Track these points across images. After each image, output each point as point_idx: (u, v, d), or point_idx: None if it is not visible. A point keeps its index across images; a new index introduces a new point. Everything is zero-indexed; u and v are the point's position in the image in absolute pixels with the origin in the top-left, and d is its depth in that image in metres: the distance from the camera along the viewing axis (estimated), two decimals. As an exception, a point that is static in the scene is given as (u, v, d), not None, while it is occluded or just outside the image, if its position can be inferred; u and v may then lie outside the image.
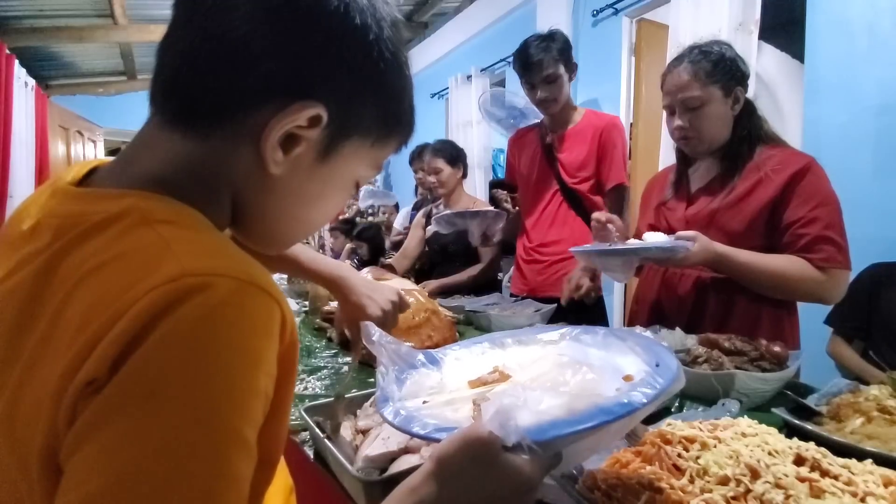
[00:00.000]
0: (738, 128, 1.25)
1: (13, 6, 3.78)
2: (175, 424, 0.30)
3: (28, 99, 3.94)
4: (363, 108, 0.44)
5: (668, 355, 0.54)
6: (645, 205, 1.50)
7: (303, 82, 0.40)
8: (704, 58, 1.22)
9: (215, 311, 0.32)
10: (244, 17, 0.38)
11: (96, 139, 5.35)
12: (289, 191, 0.45)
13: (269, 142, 0.40)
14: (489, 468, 0.40)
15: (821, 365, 1.75)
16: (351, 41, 0.41)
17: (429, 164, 2.39)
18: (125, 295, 0.31)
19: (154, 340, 0.30)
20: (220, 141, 0.41)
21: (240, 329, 0.33)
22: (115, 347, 0.30)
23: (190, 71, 0.40)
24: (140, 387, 0.30)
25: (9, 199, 3.61)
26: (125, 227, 0.36)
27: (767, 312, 1.23)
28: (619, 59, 3.00)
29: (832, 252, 1.12)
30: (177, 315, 0.31)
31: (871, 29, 1.93)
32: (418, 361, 0.63)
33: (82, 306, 0.33)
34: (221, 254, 0.36)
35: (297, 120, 0.40)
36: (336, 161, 0.45)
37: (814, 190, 1.15)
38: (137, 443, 0.29)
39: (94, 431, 0.30)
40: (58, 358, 0.32)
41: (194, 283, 0.32)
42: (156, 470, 0.29)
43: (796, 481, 0.55)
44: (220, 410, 0.31)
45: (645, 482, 0.57)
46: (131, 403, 0.30)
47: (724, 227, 1.21)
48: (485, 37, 4.18)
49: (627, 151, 1.84)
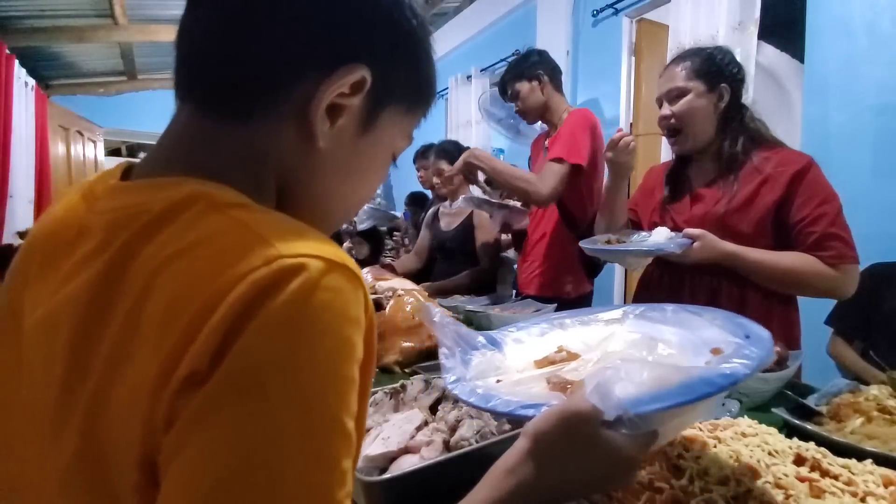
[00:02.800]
0: (727, 128, 1.27)
1: (13, 6, 3.78)
2: (282, 416, 0.29)
3: (28, 99, 3.94)
4: (400, 72, 0.43)
5: (757, 326, 0.53)
6: (646, 193, 1.49)
7: (345, 45, 0.39)
8: (696, 54, 1.29)
9: (312, 295, 0.30)
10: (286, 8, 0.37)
11: (96, 139, 5.35)
12: (334, 167, 0.43)
13: (319, 112, 0.39)
14: (588, 445, 0.39)
15: (821, 365, 1.75)
16: (392, 9, 0.40)
17: (433, 165, 2.41)
18: (217, 281, 0.29)
19: (255, 328, 0.28)
20: (261, 121, 0.39)
21: (333, 313, 0.31)
22: (216, 337, 0.28)
23: (221, 51, 0.38)
24: (245, 379, 0.28)
25: (9, 199, 3.60)
26: (196, 213, 0.34)
27: (777, 312, 1.24)
28: (619, 59, 3.00)
29: (841, 248, 1.14)
30: (276, 300, 0.29)
31: (871, 29, 1.93)
32: (479, 343, 0.62)
33: (166, 298, 0.31)
34: (304, 234, 0.33)
35: (342, 86, 0.39)
36: (376, 131, 0.43)
37: (816, 188, 1.17)
38: (246, 437, 0.28)
39: (198, 429, 0.28)
40: (147, 355, 0.30)
41: (289, 265, 0.30)
42: (265, 464, 0.28)
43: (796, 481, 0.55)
44: (324, 400, 0.30)
45: (645, 482, 0.57)
46: (236, 397, 0.28)
47: (734, 229, 1.23)
48: (485, 37, 4.18)
49: (587, 135, 1.81)
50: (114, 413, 0.31)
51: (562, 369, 0.53)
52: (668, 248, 1.16)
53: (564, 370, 0.52)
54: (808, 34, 2.13)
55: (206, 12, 0.39)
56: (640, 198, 1.52)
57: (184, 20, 0.40)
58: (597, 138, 1.85)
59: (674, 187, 1.38)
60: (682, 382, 0.41)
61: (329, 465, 0.30)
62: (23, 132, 3.79)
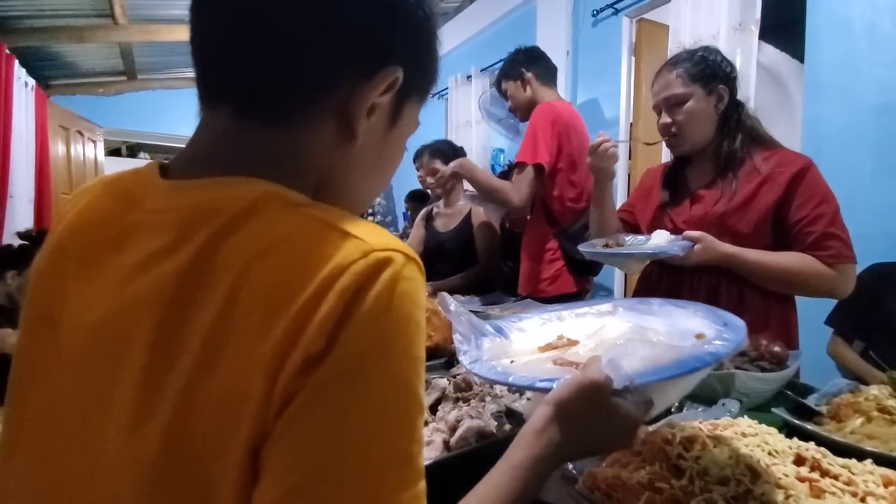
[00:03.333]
0: (726, 127, 1.28)
1: (13, 6, 3.78)
2: (384, 395, 0.32)
3: (28, 99, 3.94)
4: (421, 67, 0.46)
5: (732, 316, 0.60)
6: (644, 195, 1.49)
7: (382, 47, 0.41)
8: (688, 58, 1.29)
9: (397, 285, 0.33)
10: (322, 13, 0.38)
11: (96, 139, 5.34)
12: (369, 160, 0.46)
13: (360, 114, 0.41)
14: (602, 410, 0.45)
15: (821, 365, 1.75)
16: (413, 7, 0.42)
17: (427, 165, 2.40)
18: (321, 272, 0.32)
19: (361, 316, 0.32)
20: (302, 122, 0.41)
21: (412, 300, 0.34)
22: (329, 322, 0.31)
23: (259, 56, 0.39)
24: (351, 362, 0.31)
25: (9, 198, 3.60)
26: (275, 211, 0.36)
27: (775, 312, 1.25)
28: (619, 59, 3.00)
29: (840, 248, 1.15)
30: (374, 290, 0.32)
31: (871, 29, 1.93)
32: (487, 330, 0.69)
33: (266, 289, 0.32)
34: (375, 229, 0.36)
35: (380, 87, 0.41)
36: (402, 122, 0.47)
37: (815, 189, 1.18)
38: (358, 414, 0.31)
39: (312, 409, 0.31)
40: (250, 345, 0.32)
41: (381, 257, 0.33)
42: (368, 438, 0.31)
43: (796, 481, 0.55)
44: (410, 378, 0.34)
45: (645, 482, 0.57)
46: (344, 381, 0.31)
47: (733, 229, 1.23)
48: (485, 37, 4.18)
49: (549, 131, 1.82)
50: (209, 405, 0.32)
51: (564, 353, 0.60)
52: (670, 251, 1.16)
53: (566, 354, 0.59)
54: (808, 34, 2.13)
55: (235, 18, 0.39)
56: (637, 199, 1.52)
57: (201, 25, 0.40)
58: (568, 130, 1.84)
59: (672, 188, 1.39)
60: (676, 359, 0.49)
61: (417, 435, 0.34)
62: (23, 132, 3.78)
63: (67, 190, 4.65)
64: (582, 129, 1.95)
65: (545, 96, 1.98)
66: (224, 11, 0.39)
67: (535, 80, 1.99)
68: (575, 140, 1.87)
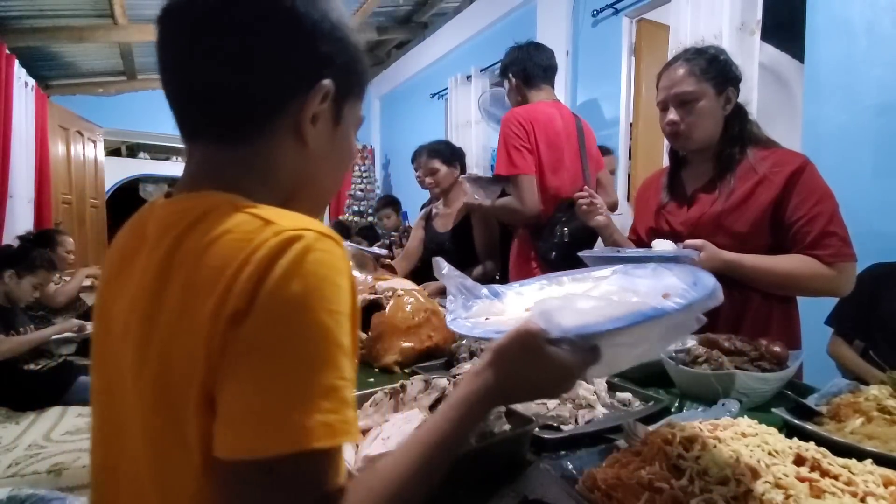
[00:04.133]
0: (729, 129, 1.27)
1: (13, 6, 3.78)
2: (303, 339, 0.40)
3: (28, 99, 3.94)
4: (348, 73, 0.55)
5: (707, 276, 0.60)
6: (641, 206, 1.50)
7: (312, 69, 0.51)
8: (699, 56, 1.26)
9: (309, 253, 0.42)
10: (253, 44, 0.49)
11: (96, 139, 5.34)
12: (324, 158, 0.56)
13: (306, 124, 0.52)
14: (535, 356, 0.49)
15: (821, 365, 1.75)
16: (327, 28, 0.52)
17: (425, 165, 2.40)
18: (246, 250, 0.41)
19: (274, 278, 0.40)
20: (263, 140, 0.52)
21: (327, 265, 0.43)
22: (250, 284, 0.40)
23: (225, 95, 0.50)
24: (271, 313, 0.40)
25: (9, 199, 3.61)
26: (222, 213, 0.46)
27: (777, 312, 1.25)
28: (619, 59, 3.00)
29: (839, 246, 1.15)
30: (286, 257, 0.41)
31: (871, 29, 1.93)
32: (482, 293, 0.72)
33: (211, 266, 0.42)
34: (300, 218, 0.46)
35: (316, 100, 0.52)
36: (344, 121, 0.57)
37: (812, 187, 1.18)
38: (281, 357, 0.39)
39: (245, 355, 0.40)
40: (202, 306, 0.41)
41: (292, 234, 0.42)
42: (300, 372, 0.40)
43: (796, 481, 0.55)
44: (333, 328, 0.41)
45: (645, 482, 0.57)
46: (268, 328, 0.40)
47: (730, 229, 1.23)
48: (485, 37, 4.17)
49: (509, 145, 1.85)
50: (178, 362, 0.42)
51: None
52: (684, 255, 1.15)
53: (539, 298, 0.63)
54: (808, 34, 2.13)
55: (203, 70, 0.49)
56: (636, 214, 1.53)
57: (174, 78, 0.52)
58: (528, 132, 1.84)
59: (669, 191, 1.39)
60: (615, 314, 0.50)
61: (340, 373, 0.41)
62: (23, 132, 3.79)
63: (67, 190, 4.66)
64: (556, 128, 1.91)
65: (534, 97, 1.98)
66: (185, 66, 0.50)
67: (522, 85, 2.00)
68: (543, 140, 1.86)
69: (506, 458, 0.72)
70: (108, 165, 5.82)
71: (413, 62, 5.27)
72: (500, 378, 0.50)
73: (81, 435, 2.04)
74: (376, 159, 6.25)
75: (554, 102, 2.00)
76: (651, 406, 0.90)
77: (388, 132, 6.15)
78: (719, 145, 1.28)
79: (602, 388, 0.94)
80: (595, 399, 0.88)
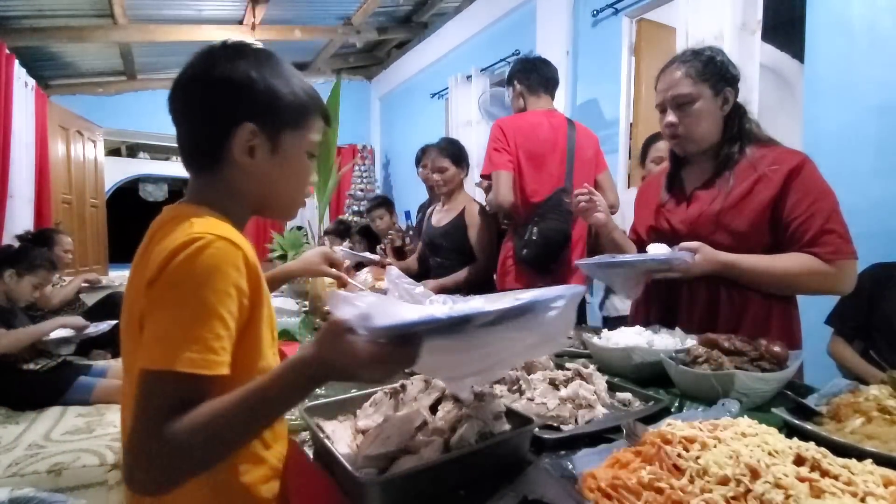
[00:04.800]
0: (728, 128, 1.27)
1: (13, 6, 3.78)
2: (186, 304, 0.59)
3: (28, 99, 3.94)
4: (275, 112, 0.71)
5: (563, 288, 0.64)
6: (641, 207, 1.50)
7: (233, 116, 0.70)
8: (695, 58, 1.26)
9: (205, 249, 0.61)
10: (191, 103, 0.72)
11: (96, 139, 5.33)
12: (271, 178, 0.74)
13: (242, 157, 0.71)
14: (337, 341, 0.57)
15: (821, 365, 1.75)
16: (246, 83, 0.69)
17: (433, 163, 2.44)
18: (171, 244, 0.61)
19: (175, 263, 0.60)
20: (219, 170, 0.73)
21: (217, 259, 0.61)
22: (162, 263, 0.60)
23: (188, 144, 0.74)
24: (169, 284, 0.60)
25: (9, 199, 3.60)
26: (178, 220, 0.66)
27: (777, 312, 1.24)
28: (619, 59, 3.00)
29: (839, 244, 1.14)
30: (188, 250, 0.60)
31: (871, 29, 1.93)
32: (427, 301, 0.76)
33: (154, 252, 0.63)
34: (214, 227, 0.64)
35: (243, 138, 0.70)
36: (284, 148, 0.73)
37: (811, 185, 1.17)
38: (170, 311, 0.59)
39: (152, 306, 0.61)
40: (144, 277, 0.62)
41: (196, 236, 0.62)
42: (180, 323, 0.59)
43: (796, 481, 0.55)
44: (212, 301, 0.60)
45: (645, 482, 0.57)
46: (167, 293, 0.60)
47: (729, 227, 1.23)
48: (485, 37, 4.17)
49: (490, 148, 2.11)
50: (135, 304, 0.65)
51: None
52: (679, 256, 1.15)
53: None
54: (808, 34, 2.13)
55: (178, 130, 0.74)
56: (636, 213, 1.53)
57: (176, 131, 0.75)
58: (508, 139, 2.06)
59: (669, 189, 1.39)
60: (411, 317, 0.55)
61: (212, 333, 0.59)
62: (23, 132, 3.78)
63: (67, 190, 4.65)
64: (541, 135, 2.09)
65: (534, 106, 2.17)
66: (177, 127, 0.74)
67: (526, 93, 2.18)
68: (522, 148, 2.06)
69: (506, 458, 0.72)
70: (108, 165, 5.81)
71: (413, 62, 5.27)
72: (317, 353, 0.58)
73: (81, 435, 2.03)
74: (376, 159, 6.25)
75: (547, 112, 2.17)
76: (651, 406, 0.90)
77: (388, 132, 6.15)
78: (719, 144, 1.28)
79: (602, 388, 0.94)
80: (595, 399, 0.88)
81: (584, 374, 0.97)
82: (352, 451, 0.73)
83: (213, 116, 0.70)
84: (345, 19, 4.78)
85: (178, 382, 0.57)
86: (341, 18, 4.77)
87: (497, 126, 2.10)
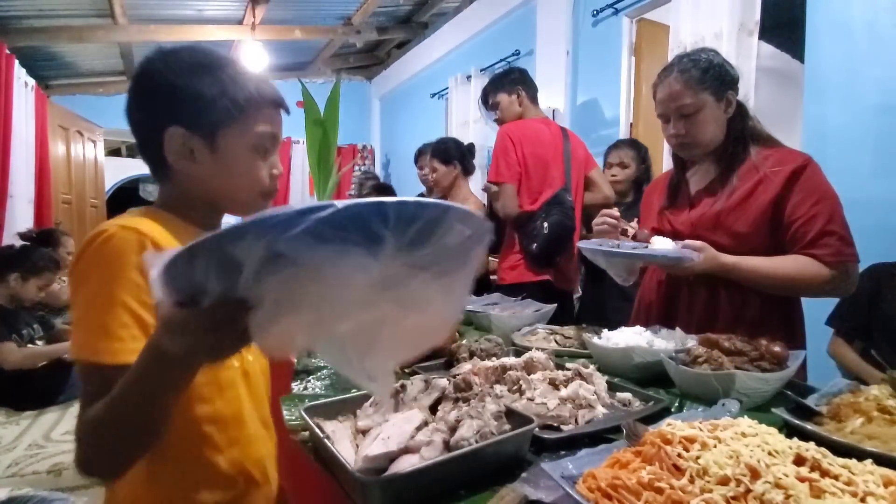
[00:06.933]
0: (732, 130, 1.27)
1: (13, 6, 3.78)
2: (91, 294, 0.63)
3: (28, 99, 3.94)
4: (204, 114, 0.71)
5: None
6: (646, 209, 1.50)
7: (159, 123, 0.71)
8: (693, 66, 1.23)
9: (111, 239, 0.64)
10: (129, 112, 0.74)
11: (96, 139, 5.33)
12: (218, 176, 0.74)
13: (180, 160, 0.72)
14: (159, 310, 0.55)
15: (821, 365, 1.75)
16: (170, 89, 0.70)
17: (429, 165, 2.46)
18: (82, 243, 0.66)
19: (82, 258, 0.64)
20: (172, 176, 0.75)
21: (116, 248, 0.64)
22: (77, 253, 0.65)
23: (143, 158, 0.76)
24: (78, 278, 0.64)
25: (9, 198, 3.60)
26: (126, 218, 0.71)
27: (777, 312, 1.24)
28: (619, 59, 3.00)
29: (839, 246, 1.14)
30: (96, 241, 0.64)
31: (871, 29, 1.93)
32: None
33: None
34: (129, 221, 0.67)
35: (175, 142, 0.71)
36: (223, 147, 0.72)
37: (813, 186, 1.17)
38: (80, 303, 0.64)
39: (71, 300, 0.66)
40: None
41: (103, 229, 0.65)
42: (85, 314, 0.63)
43: (796, 481, 0.55)
44: (115, 289, 0.62)
45: (645, 482, 0.57)
46: (77, 287, 0.64)
47: (730, 228, 1.22)
48: (485, 37, 4.17)
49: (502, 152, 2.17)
50: None
51: None
52: (684, 255, 1.15)
53: None
54: (808, 34, 2.13)
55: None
56: (641, 215, 1.53)
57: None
58: (523, 147, 2.16)
59: (673, 192, 1.38)
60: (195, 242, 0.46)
61: (110, 314, 0.61)
62: (23, 132, 3.78)
63: (67, 190, 4.65)
64: (544, 141, 2.20)
65: (530, 113, 2.28)
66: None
67: (526, 99, 2.27)
68: (529, 153, 2.16)
69: (506, 458, 0.72)
70: (108, 165, 5.81)
71: (413, 62, 5.27)
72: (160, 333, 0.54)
73: (81, 435, 2.04)
74: (376, 159, 6.25)
75: (544, 119, 2.32)
76: (651, 406, 0.90)
77: (388, 132, 6.15)
78: (723, 146, 1.27)
79: (602, 388, 0.94)
80: (595, 399, 0.88)
81: (584, 374, 0.97)
82: (352, 450, 0.73)
83: (144, 125, 0.73)
84: (345, 19, 4.78)
85: (89, 371, 0.60)
86: (341, 18, 4.78)
87: (506, 134, 2.18)
